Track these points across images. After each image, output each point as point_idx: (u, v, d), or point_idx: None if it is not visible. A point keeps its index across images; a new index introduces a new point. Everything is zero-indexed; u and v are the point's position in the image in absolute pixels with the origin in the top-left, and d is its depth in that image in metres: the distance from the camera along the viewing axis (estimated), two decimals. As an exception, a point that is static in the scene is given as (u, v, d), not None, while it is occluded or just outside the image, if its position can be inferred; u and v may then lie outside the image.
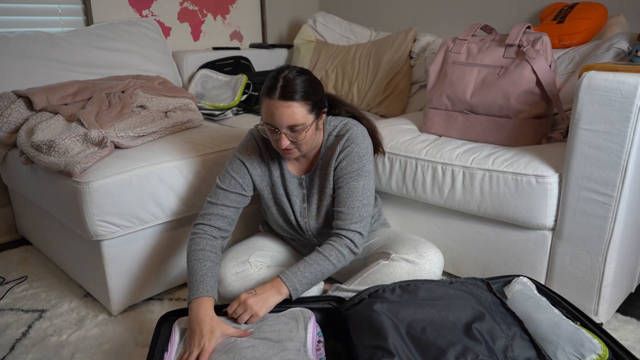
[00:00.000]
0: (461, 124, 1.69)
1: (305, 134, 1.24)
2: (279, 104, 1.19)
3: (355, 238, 1.29)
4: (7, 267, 1.87)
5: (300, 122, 1.21)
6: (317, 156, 1.38)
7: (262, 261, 1.43)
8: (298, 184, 1.39)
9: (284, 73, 1.21)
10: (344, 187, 1.32)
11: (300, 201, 1.40)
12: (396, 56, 2.34)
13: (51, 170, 1.44)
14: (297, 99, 1.19)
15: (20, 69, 1.87)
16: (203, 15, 2.69)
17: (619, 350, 1.02)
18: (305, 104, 1.21)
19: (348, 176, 1.32)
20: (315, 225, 1.41)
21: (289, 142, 1.24)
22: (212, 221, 1.33)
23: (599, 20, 1.91)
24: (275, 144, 1.27)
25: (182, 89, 2.04)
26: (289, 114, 1.19)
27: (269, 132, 1.26)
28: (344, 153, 1.33)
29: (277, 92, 1.19)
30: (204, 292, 1.17)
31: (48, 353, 1.37)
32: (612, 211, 1.30)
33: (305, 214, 1.41)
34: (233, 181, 1.35)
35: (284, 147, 1.24)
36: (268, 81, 1.22)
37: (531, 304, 1.16)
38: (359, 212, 1.30)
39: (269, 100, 1.21)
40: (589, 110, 1.28)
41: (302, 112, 1.21)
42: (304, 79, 1.22)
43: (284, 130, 1.22)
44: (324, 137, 1.37)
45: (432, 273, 1.35)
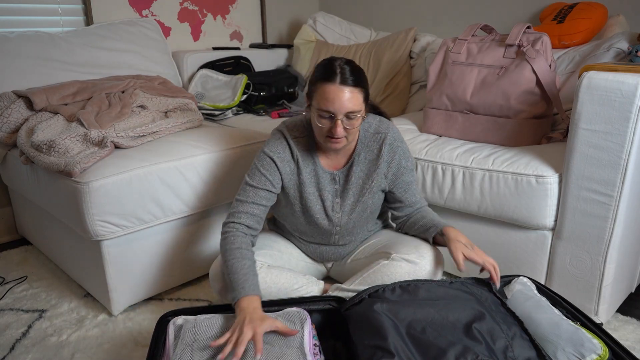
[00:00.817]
0: (461, 124, 1.69)
1: (360, 121, 1.26)
2: (340, 89, 1.20)
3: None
4: (7, 267, 1.87)
5: (357, 109, 1.22)
6: (353, 152, 1.38)
7: (263, 260, 1.42)
8: (331, 179, 1.39)
9: (337, 61, 1.23)
10: (410, 181, 1.41)
11: (333, 196, 1.40)
12: (396, 56, 2.34)
13: (51, 170, 1.44)
14: (354, 84, 1.21)
15: (20, 69, 1.87)
16: (203, 15, 2.69)
17: (619, 350, 1.02)
18: (361, 91, 1.23)
19: (409, 171, 1.41)
20: (346, 219, 1.42)
21: (343, 129, 1.23)
22: (242, 219, 1.32)
23: (599, 20, 1.91)
24: (323, 133, 1.26)
25: (182, 89, 2.04)
26: (350, 99, 1.20)
27: (322, 119, 1.24)
28: (398, 152, 1.37)
29: (339, 77, 1.20)
30: (251, 290, 1.16)
31: (48, 353, 1.37)
32: (612, 211, 1.30)
33: (338, 209, 1.41)
34: (263, 178, 1.34)
35: (339, 134, 1.23)
36: (323, 68, 1.24)
37: (531, 304, 1.16)
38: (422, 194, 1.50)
39: (329, 85, 1.20)
40: (589, 110, 1.28)
41: (360, 99, 1.23)
42: (356, 66, 1.25)
43: (341, 117, 1.22)
44: (360, 133, 1.38)
45: (432, 273, 1.35)
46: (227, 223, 1.33)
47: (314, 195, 1.39)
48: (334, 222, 1.42)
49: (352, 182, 1.39)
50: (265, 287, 1.35)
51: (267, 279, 1.36)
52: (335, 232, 1.45)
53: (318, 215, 1.41)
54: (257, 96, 2.40)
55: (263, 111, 2.36)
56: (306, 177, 1.38)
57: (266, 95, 2.42)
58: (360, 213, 1.41)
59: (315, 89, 1.25)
